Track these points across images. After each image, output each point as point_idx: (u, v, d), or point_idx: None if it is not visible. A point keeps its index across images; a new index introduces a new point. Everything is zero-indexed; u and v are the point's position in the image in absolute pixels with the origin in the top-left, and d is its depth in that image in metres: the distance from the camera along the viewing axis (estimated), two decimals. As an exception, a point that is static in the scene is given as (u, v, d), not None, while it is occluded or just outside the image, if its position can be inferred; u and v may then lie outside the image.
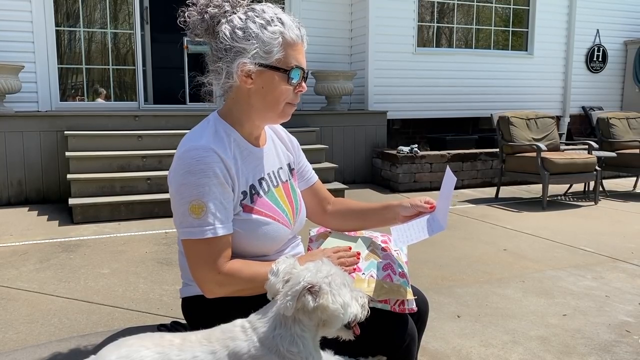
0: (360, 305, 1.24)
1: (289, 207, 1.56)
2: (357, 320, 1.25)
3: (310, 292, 1.17)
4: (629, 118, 7.26)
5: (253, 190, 1.47)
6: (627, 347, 2.53)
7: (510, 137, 6.30)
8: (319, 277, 1.19)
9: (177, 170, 1.39)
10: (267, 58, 1.40)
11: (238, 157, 1.46)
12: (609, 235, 4.67)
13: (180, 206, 1.37)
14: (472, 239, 4.51)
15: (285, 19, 1.43)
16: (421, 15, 8.10)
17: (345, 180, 7.02)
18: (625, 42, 9.49)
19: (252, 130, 1.52)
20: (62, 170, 5.78)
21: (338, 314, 1.18)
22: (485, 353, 2.46)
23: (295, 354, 1.18)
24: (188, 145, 1.40)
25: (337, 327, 1.22)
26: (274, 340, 1.18)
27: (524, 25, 8.80)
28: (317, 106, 7.67)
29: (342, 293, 1.19)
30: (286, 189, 1.59)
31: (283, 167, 1.63)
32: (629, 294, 3.23)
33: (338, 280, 1.20)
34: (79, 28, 6.93)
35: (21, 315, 2.85)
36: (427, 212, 1.62)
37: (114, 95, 7.22)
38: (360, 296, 1.26)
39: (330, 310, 1.17)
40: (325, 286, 1.18)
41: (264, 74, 1.41)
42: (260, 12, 1.42)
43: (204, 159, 1.36)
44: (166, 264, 3.75)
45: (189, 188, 1.36)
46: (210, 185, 1.36)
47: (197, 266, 1.38)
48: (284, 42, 1.41)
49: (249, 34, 1.39)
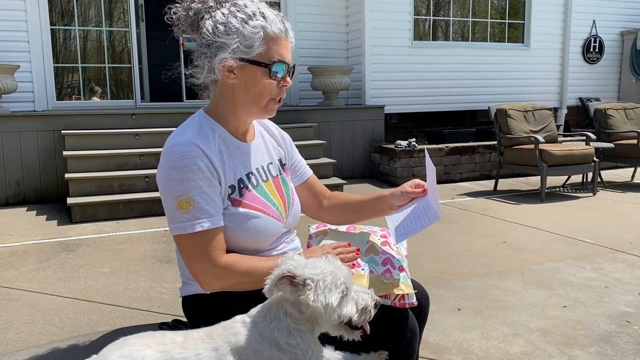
0: (360, 308, 1.22)
1: (280, 201, 1.56)
2: (357, 322, 1.23)
3: (292, 284, 1.18)
4: (626, 109, 7.26)
5: (242, 185, 1.48)
6: (628, 337, 2.54)
7: (507, 129, 6.30)
8: (308, 271, 1.18)
9: (163, 167, 1.40)
10: (249, 53, 1.40)
11: (224, 152, 1.46)
12: (607, 226, 4.68)
13: (169, 202, 1.38)
14: (471, 232, 4.52)
15: (268, 13, 1.42)
16: (417, 8, 8.08)
17: (343, 176, 7.02)
18: (622, 33, 9.49)
19: (238, 125, 1.52)
20: (59, 170, 5.77)
21: (320, 312, 1.17)
22: (486, 346, 2.47)
23: (294, 347, 1.18)
24: (172, 142, 1.41)
25: (326, 326, 1.20)
26: (272, 333, 1.19)
27: (520, 17, 8.78)
28: (315, 102, 7.66)
29: (328, 294, 1.16)
30: (277, 183, 1.59)
31: (274, 162, 1.63)
32: (628, 285, 3.24)
33: (328, 280, 1.17)
34: (74, 27, 6.90)
35: (22, 315, 2.85)
36: (420, 196, 1.61)
37: (110, 93, 7.20)
38: (363, 299, 1.23)
39: (311, 307, 1.17)
40: (310, 282, 1.17)
41: (245, 69, 1.41)
42: (242, 7, 1.42)
43: (187, 153, 1.37)
44: (166, 262, 3.75)
45: (175, 184, 1.36)
46: (196, 179, 1.36)
47: (192, 261, 1.39)
48: (266, 36, 1.40)
49: (230, 29, 1.39)
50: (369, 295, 1.25)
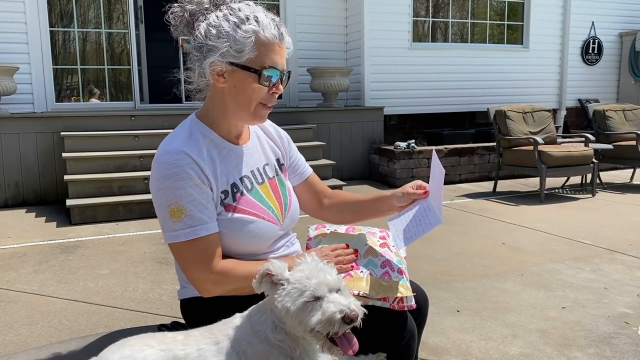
0: (324, 318, 1.13)
1: (275, 204, 1.55)
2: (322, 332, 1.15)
3: (272, 282, 1.20)
4: (625, 110, 7.27)
5: (235, 189, 1.47)
6: (626, 338, 2.54)
7: (507, 130, 6.30)
8: (288, 273, 1.19)
9: (154, 176, 1.40)
10: (239, 57, 1.38)
11: (216, 157, 1.46)
12: (606, 227, 4.69)
13: (161, 211, 1.38)
14: (471, 234, 4.52)
15: (262, 17, 1.40)
16: (416, 10, 8.09)
17: (342, 177, 7.02)
18: (621, 34, 9.50)
19: (230, 129, 1.51)
20: (59, 172, 5.77)
21: (282, 314, 1.18)
22: (485, 347, 2.47)
23: (281, 342, 1.20)
24: (161, 151, 1.41)
25: (293, 329, 1.19)
26: (261, 327, 1.21)
27: (519, 19, 8.79)
28: (314, 103, 7.67)
29: (289, 298, 1.15)
30: (273, 185, 1.58)
31: (270, 162, 1.62)
32: (627, 286, 3.24)
33: (298, 285, 1.16)
34: (73, 28, 6.90)
35: (21, 317, 2.85)
36: (421, 198, 1.58)
37: (109, 95, 7.20)
38: (330, 310, 1.13)
39: (277, 308, 1.18)
40: (285, 283, 1.18)
41: (235, 74, 1.40)
42: (236, 11, 1.41)
43: (176, 161, 1.37)
44: (165, 264, 3.75)
45: (165, 192, 1.36)
46: (186, 187, 1.36)
47: (189, 268, 1.39)
48: (258, 41, 1.38)
49: (221, 32, 1.38)
50: (340, 307, 1.14)
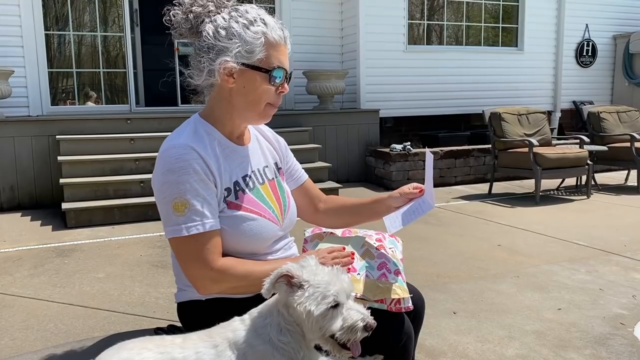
0: (346, 325, 1.17)
1: (275, 204, 1.56)
2: (341, 339, 1.19)
3: (289, 284, 1.19)
4: (619, 112, 7.31)
5: (237, 187, 1.48)
6: (622, 339, 2.55)
7: (502, 133, 6.32)
8: (307, 275, 1.19)
9: (158, 169, 1.40)
10: (249, 58, 1.41)
11: (220, 155, 1.47)
12: (601, 228, 4.71)
13: (164, 205, 1.38)
14: (466, 236, 4.53)
15: (269, 19, 1.44)
16: (411, 12, 8.12)
17: (339, 180, 7.02)
18: (615, 37, 9.55)
19: (233, 129, 1.52)
20: (54, 175, 5.75)
21: (302, 318, 1.18)
22: (481, 349, 2.48)
23: (285, 344, 1.20)
24: (167, 145, 1.42)
25: (310, 334, 1.19)
26: (265, 329, 1.20)
27: (513, 21, 8.84)
28: (310, 106, 7.67)
29: (313, 302, 1.16)
30: (273, 186, 1.60)
31: (269, 165, 1.63)
32: (622, 287, 3.25)
33: (320, 289, 1.17)
34: (68, 32, 6.89)
35: (16, 321, 2.84)
36: (417, 196, 1.66)
37: (105, 98, 7.19)
38: (352, 317, 1.18)
39: (296, 311, 1.18)
40: (306, 286, 1.18)
41: (245, 74, 1.43)
42: (244, 12, 1.44)
43: (183, 156, 1.38)
44: (161, 267, 3.74)
45: (170, 186, 1.37)
46: (191, 182, 1.37)
47: (188, 264, 1.39)
48: (267, 42, 1.42)
49: (232, 33, 1.40)
50: (362, 315, 1.20)
